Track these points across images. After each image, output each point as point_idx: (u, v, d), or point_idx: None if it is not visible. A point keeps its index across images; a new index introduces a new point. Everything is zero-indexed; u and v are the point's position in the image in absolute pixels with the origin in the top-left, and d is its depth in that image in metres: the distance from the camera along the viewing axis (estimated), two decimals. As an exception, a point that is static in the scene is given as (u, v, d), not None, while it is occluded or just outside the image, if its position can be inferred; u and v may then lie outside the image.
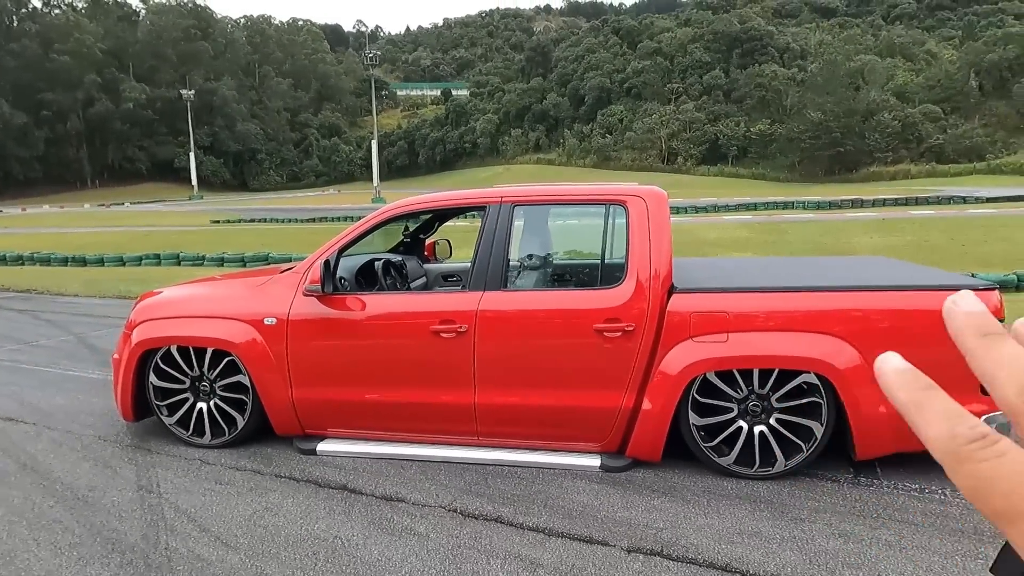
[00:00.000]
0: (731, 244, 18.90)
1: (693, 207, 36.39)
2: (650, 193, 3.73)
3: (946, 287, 3.46)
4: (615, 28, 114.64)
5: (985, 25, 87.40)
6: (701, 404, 3.55)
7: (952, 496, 3.31)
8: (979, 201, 34.44)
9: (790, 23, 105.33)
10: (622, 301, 3.56)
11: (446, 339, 3.71)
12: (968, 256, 15.63)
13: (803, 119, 71.64)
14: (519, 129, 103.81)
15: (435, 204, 4.20)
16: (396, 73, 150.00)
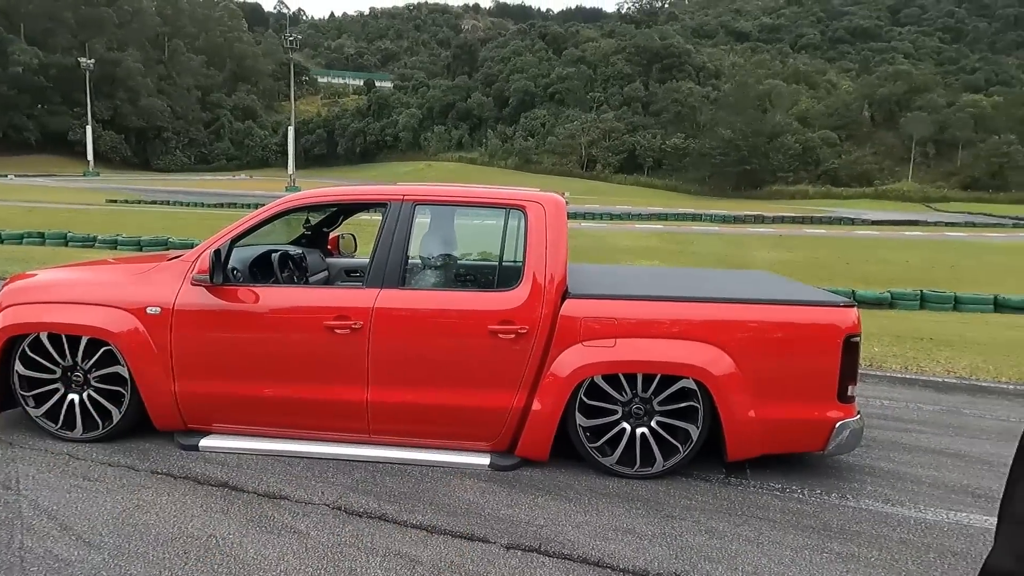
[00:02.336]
0: (641, 252, 19.60)
1: (609, 214, 37.46)
2: (549, 200, 3.84)
3: (814, 303, 3.75)
4: (542, 33, 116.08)
5: (879, 61, 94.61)
6: (588, 406, 3.68)
7: (808, 495, 3.59)
8: (865, 223, 37.26)
9: (707, 43, 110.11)
10: (517, 304, 3.64)
11: (340, 335, 3.67)
12: (851, 273, 16.88)
13: (715, 136, 75.07)
14: (442, 126, 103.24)
15: (335, 198, 4.14)
16: (318, 59, 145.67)
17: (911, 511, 3.46)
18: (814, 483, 3.73)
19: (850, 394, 3.62)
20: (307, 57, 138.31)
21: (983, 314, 11.96)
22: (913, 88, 79.78)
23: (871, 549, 3.07)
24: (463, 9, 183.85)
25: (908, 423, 4.88)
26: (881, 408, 5.21)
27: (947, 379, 6.31)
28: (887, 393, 5.68)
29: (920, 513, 3.44)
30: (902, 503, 3.55)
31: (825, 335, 3.58)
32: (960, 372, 6.55)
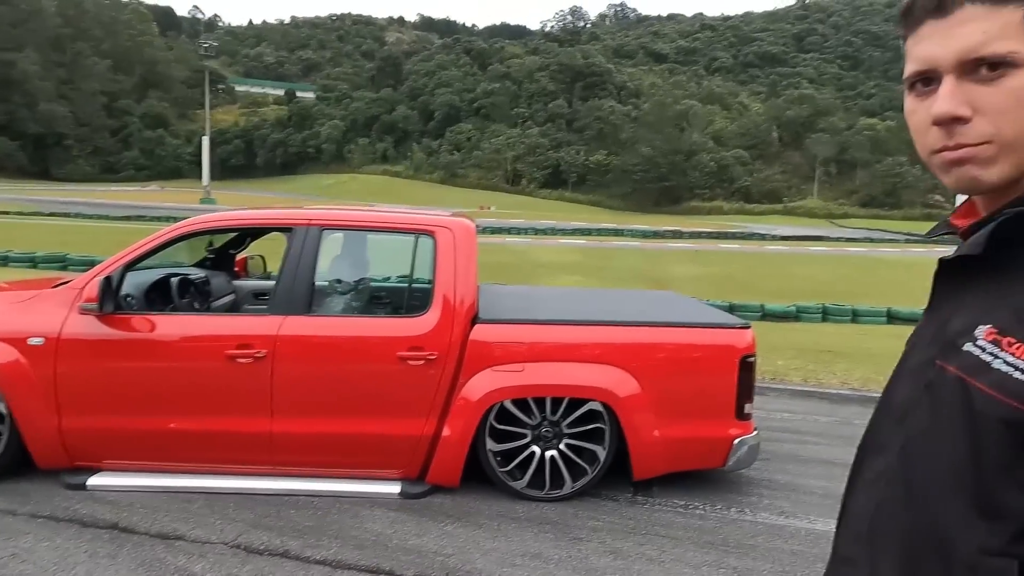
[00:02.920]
0: (563, 267, 19.90)
1: (533, 229, 37.86)
2: (458, 225, 3.85)
3: (712, 325, 3.92)
4: (467, 48, 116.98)
5: (786, 85, 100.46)
6: (498, 431, 3.70)
7: (709, 511, 3.73)
8: (775, 239, 39.23)
9: (627, 63, 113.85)
10: (427, 330, 3.63)
11: (242, 364, 3.55)
12: (761, 288, 17.72)
13: (636, 153, 77.53)
14: (367, 138, 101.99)
15: (236, 223, 4.01)
16: (236, 67, 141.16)
17: (803, 522, 3.65)
18: (715, 499, 3.88)
19: (747, 411, 3.79)
20: (224, 64, 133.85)
21: (878, 326, 12.81)
22: (817, 111, 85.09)
23: (765, 562, 3.21)
24: (387, 21, 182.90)
25: (805, 435, 5.16)
26: (781, 421, 5.48)
27: (842, 391, 6.71)
28: (787, 406, 5.99)
29: (811, 524, 3.64)
30: (795, 515, 3.74)
31: (723, 356, 3.74)
32: (854, 384, 6.98)
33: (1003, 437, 0.74)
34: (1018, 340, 0.74)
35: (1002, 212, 0.79)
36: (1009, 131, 0.76)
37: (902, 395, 0.90)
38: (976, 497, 0.77)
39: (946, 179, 0.82)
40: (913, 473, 0.84)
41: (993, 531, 0.75)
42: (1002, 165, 0.78)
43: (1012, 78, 0.75)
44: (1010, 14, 0.75)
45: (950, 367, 0.82)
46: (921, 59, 0.80)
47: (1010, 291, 0.79)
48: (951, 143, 0.79)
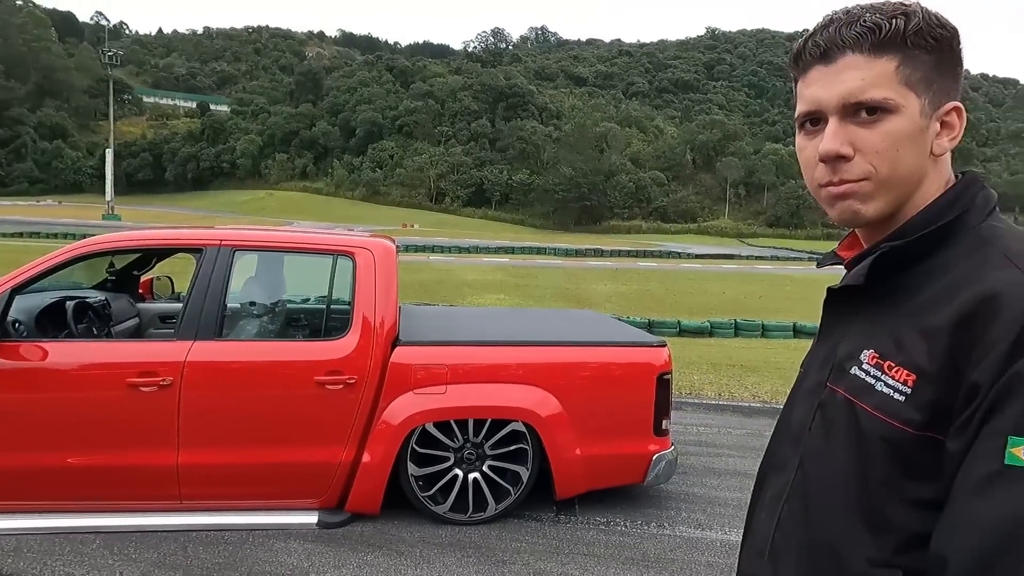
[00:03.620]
0: (486, 286, 19.95)
1: (457, 247, 37.85)
2: (378, 246, 3.79)
3: (630, 343, 4.02)
4: (389, 65, 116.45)
5: (698, 110, 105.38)
6: (419, 454, 3.64)
7: (630, 527, 3.80)
8: (690, 257, 40.83)
9: (548, 86, 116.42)
10: (345, 353, 3.54)
11: (146, 393, 3.34)
12: (677, 305, 18.34)
13: (557, 173, 79.15)
14: (285, 154, 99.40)
15: (141, 243, 3.80)
16: (143, 77, 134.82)
17: (718, 534, 3.77)
18: (635, 515, 3.95)
19: (664, 427, 3.89)
20: (130, 74, 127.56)
21: (785, 340, 13.50)
22: (726, 136, 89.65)
23: (683, 575, 3.29)
24: (307, 36, 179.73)
25: (719, 448, 5.35)
26: (697, 435, 5.66)
27: (752, 404, 7.01)
28: (703, 420, 6.20)
29: (726, 535, 3.76)
30: (711, 527, 3.86)
31: (640, 374, 3.84)
32: (764, 396, 7.31)
33: (885, 454, 0.79)
34: (897, 364, 0.80)
35: (879, 246, 0.86)
36: (885, 170, 0.83)
37: (798, 416, 0.95)
38: (864, 511, 0.81)
39: (831, 212, 0.88)
40: (809, 490, 0.88)
41: (879, 543, 0.80)
42: (878, 201, 0.84)
43: (888, 122, 0.82)
44: (885, 64, 0.81)
45: (839, 389, 0.87)
46: (809, 101, 0.86)
47: (888, 318, 0.85)
48: (835, 179, 0.85)
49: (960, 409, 0.74)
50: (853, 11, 0.83)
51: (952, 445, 0.74)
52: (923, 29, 0.81)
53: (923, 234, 0.83)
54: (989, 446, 0.70)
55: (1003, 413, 0.70)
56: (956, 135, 0.85)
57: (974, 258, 0.80)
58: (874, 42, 0.81)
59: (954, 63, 0.84)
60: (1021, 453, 0.68)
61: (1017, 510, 0.68)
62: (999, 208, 0.87)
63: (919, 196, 0.86)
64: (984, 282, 0.76)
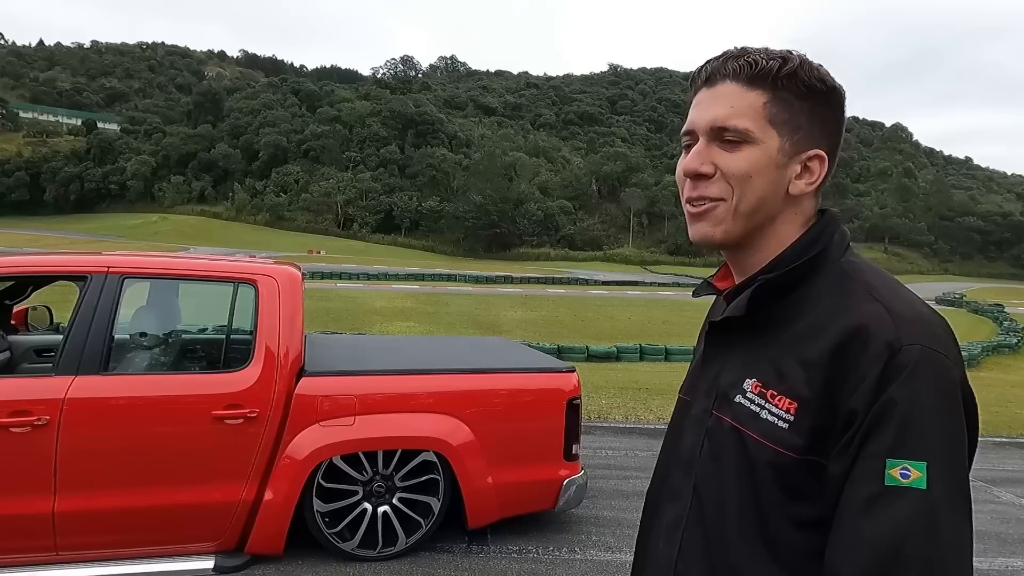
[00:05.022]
0: (396, 313, 19.67)
1: (366, 274, 37.16)
2: (282, 273, 3.66)
3: (539, 369, 4.06)
4: (295, 88, 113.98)
5: (602, 143, 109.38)
6: (326, 489, 3.51)
7: (542, 553, 3.80)
8: (597, 283, 41.96)
9: (458, 114, 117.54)
10: (246, 386, 3.37)
11: (17, 434, 3.04)
12: (586, 330, 18.77)
13: (467, 200, 79.64)
14: (181, 176, 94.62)
15: (15, 270, 3.48)
16: (20, 91, 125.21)
17: (628, 556, 3.84)
18: (547, 541, 3.97)
19: (574, 452, 3.94)
20: (5, 87, 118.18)
21: (687, 363, 14.07)
22: (629, 167, 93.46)
23: (594, 599, 3.32)
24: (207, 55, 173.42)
25: (627, 470, 5.47)
26: (606, 458, 5.77)
27: (658, 425, 7.24)
28: (611, 443, 6.34)
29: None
30: (620, 549, 3.93)
31: (551, 399, 3.88)
32: (668, 418, 7.57)
33: (772, 478, 0.84)
34: (779, 393, 0.85)
35: (756, 279, 0.92)
36: (738, 195, 0.89)
37: (687, 444, 0.98)
38: (759, 533, 0.85)
39: (690, 231, 0.95)
40: (706, 516, 0.91)
41: (776, 563, 0.83)
42: (727, 226, 0.91)
43: (745, 151, 0.88)
44: (756, 98, 0.88)
45: (725, 417, 0.92)
46: (688, 121, 0.93)
47: (766, 347, 0.90)
48: (695, 194, 0.92)
49: (839, 433, 0.79)
50: (746, 48, 0.90)
51: (834, 468, 0.79)
52: (796, 75, 0.87)
53: (793, 267, 0.89)
54: (869, 468, 0.76)
55: (879, 437, 0.76)
56: (815, 180, 0.91)
57: (839, 292, 0.86)
58: (749, 75, 0.87)
59: (827, 116, 0.90)
60: (898, 474, 0.74)
61: (898, 526, 0.73)
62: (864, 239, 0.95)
63: (773, 231, 0.92)
64: (852, 315, 0.82)
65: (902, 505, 0.73)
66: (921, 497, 0.73)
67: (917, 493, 0.73)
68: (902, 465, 0.74)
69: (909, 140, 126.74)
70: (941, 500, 0.73)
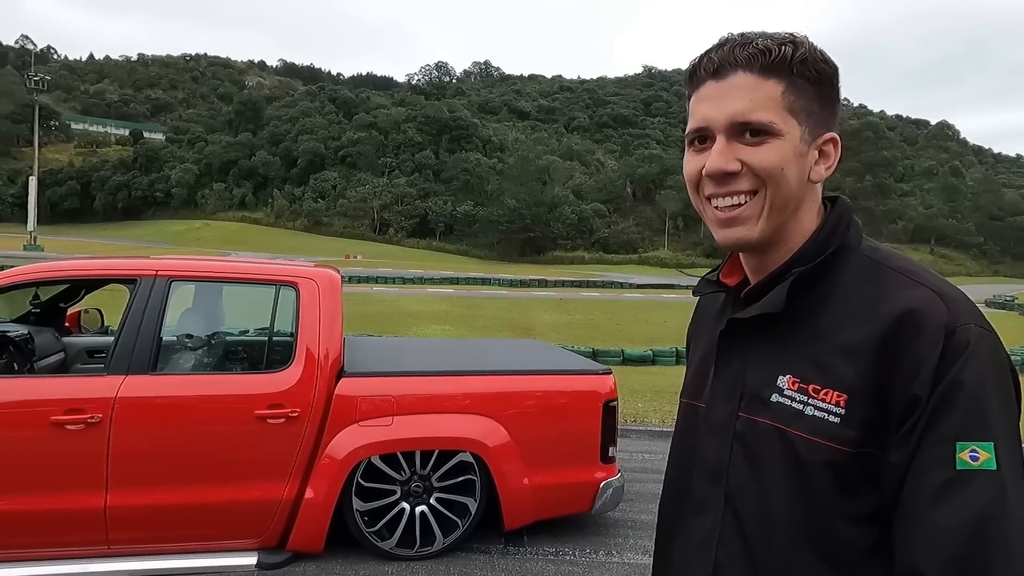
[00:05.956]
0: (431, 317, 19.81)
1: (401, 278, 37.52)
2: (322, 275, 3.74)
3: (575, 371, 4.06)
4: (332, 96, 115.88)
5: (637, 145, 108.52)
6: (365, 489, 3.56)
7: (579, 556, 3.79)
8: (632, 287, 41.60)
9: (492, 119, 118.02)
10: (288, 386, 3.45)
11: (72, 432, 3.16)
12: (621, 333, 18.62)
13: (501, 205, 79.80)
14: (223, 183, 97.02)
15: (68, 273, 3.63)
16: (72, 104, 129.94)
17: (665, 560, 3.80)
18: (583, 543, 3.95)
19: (611, 455, 3.92)
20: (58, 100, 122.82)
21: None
22: (664, 170, 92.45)
23: (632, 603, 3.29)
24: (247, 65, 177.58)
25: (664, 474, 5.41)
26: (643, 462, 5.72)
27: (695, 429, 7.14)
28: (647, 447, 6.28)
29: (672, 560, 3.79)
30: (658, 553, 3.88)
31: (587, 401, 3.87)
32: (705, 422, 7.46)
33: (827, 477, 0.79)
34: (824, 387, 0.81)
35: (790, 272, 0.88)
36: (772, 189, 0.85)
37: (712, 452, 0.92)
38: (815, 538, 0.81)
39: (717, 235, 0.90)
40: (746, 528, 0.86)
41: (836, 566, 0.80)
42: (764, 223, 0.86)
43: (771, 144, 0.84)
44: (772, 87, 0.83)
45: (762, 419, 0.86)
46: (699, 118, 0.87)
47: (798, 341, 0.85)
48: (722, 191, 0.87)
49: (899, 421, 0.76)
50: (747, 35, 0.86)
51: (894, 457, 0.76)
52: (808, 60, 0.84)
53: (823, 259, 0.86)
54: (938, 454, 0.73)
55: (946, 421, 0.73)
56: (831, 164, 0.88)
57: (873, 279, 0.84)
58: (764, 64, 0.83)
59: (833, 98, 0.87)
60: (967, 456, 0.72)
61: (979, 510, 0.71)
62: (909, 240, 0.92)
63: (796, 221, 0.89)
64: (897, 300, 0.79)
65: (975, 488, 0.71)
66: (992, 479, 0.71)
67: (988, 474, 0.72)
68: (971, 448, 0.72)
69: (956, 138, 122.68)
70: (1009, 480, 0.72)
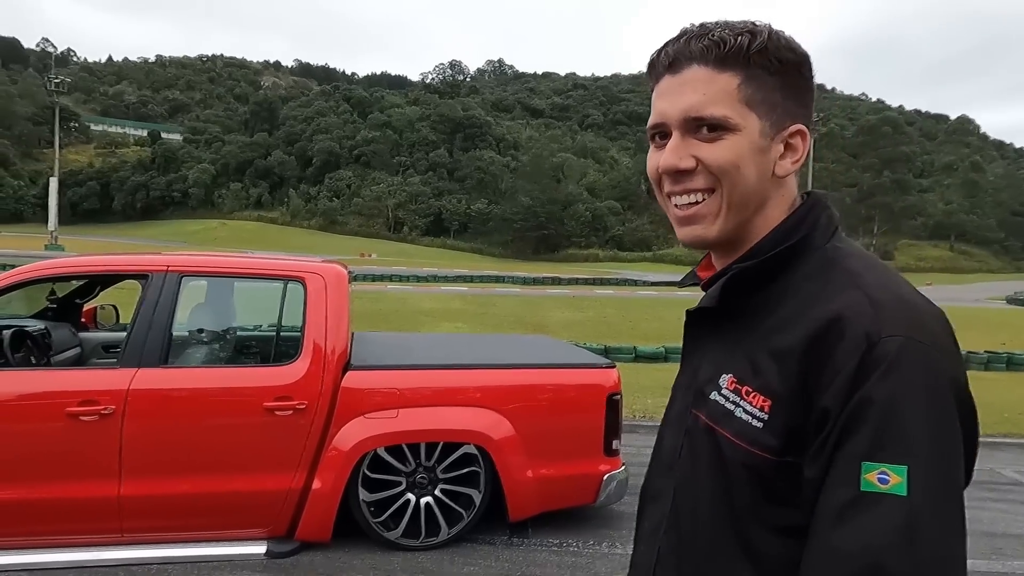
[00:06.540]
0: (445, 314, 19.90)
1: (415, 276, 37.68)
2: (329, 270, 3.80)
3: (580, 365, 4.09)
4: (346, 96, 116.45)
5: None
6: (371, 480, 3.62)
7: (582, 547, 3.83)
8: (646, 284, 41.46)
9: (505, 117, 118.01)
10: (295, 379, 3.52)
11: (86, 423, 3.25)
12: (634, 330, 18.59)
13: (515, 202, 79.83)
14: (239, 183, 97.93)
15: (82, 269, 3.73)
16: (92, 105, 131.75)
17: (669, 552, 3.82)
18: (587, 535, 3.99)
19: (615, 448, 3.95)
20: (78, 102, 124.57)
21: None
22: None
23: (634, 593, 3.33)
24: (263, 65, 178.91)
25: (671, 468, 5.43)
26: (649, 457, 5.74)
27: (704, 425, 7.14)
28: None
29: (676, 553, 3.81)
30: (662, 545, 3.91)
31: (590, 395, 3.90)
32: (714, 418, 7.46)
33: (747, 480, 0.78)
34: (754, 389, 0.78)
35: (730, 268, 0.86)
36: (728, 187, 0.82)
37: (668, 444, 0.93)
38: (734, 540, 0.79)
39: (678, 233, 0.88)
40: (681, 522, 0.86)
41: (752, 572, 0.78)
42: (722, 221, 0.84)
43: (727, 140, 0.80)
44: (727, 80, 0.80)
45: (702, 415, 0.85)
46: (656, 113, 0.85)
47: (743, 340, 0.83)
48: (678, 188, 0.84)
49: (813, 434, 0.72)
50: (706, 25, 0.82)
51: (809, 471, 0.72)
52: (767, 49, 0.80)
53: (770, 255, 0.83)
54: (844, 472, 0.69)
55: (855, 438, 0.69)
56: (799, 157, 0.84)
57: (820, 279, 0.80)
58: (718, 56, 0.80)
59: (801, 87, 0.83)
60: (875, 478, 0.67)
61: (876, 538, 0.66)
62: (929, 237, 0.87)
63: (762, 217, 0.85)
64: (829, 304, 0.75)
65: (879, 513, 0.66)
66: (901, 505, 0.66)
67: (896, 500, 0.66)
68: (880, 469, 0.67)
69: (976, 133, 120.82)
70: (924, 508, 0.66)
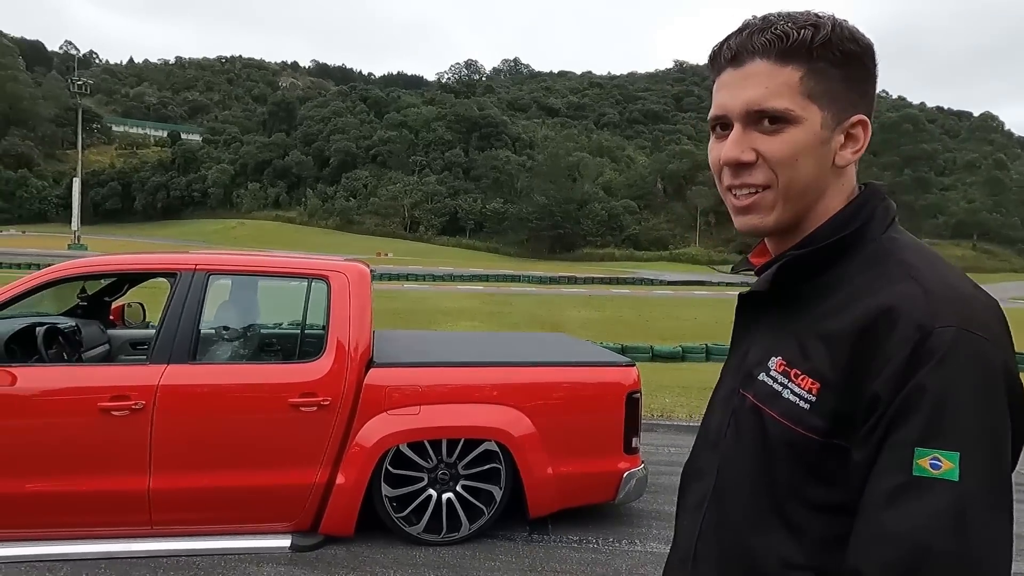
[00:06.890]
0: (461, 313, 19.98)
1: (431, 275, 37.87)
2: (352, 269, 3.86)
3: (599, 363, 4.12)
4: (363, 96, 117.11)
5: (668, 140, 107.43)
6: (393, 475, 3.67)
7: (602, 544, 3.85)
8: (662, 284, 41.33)
9: (521, 116, 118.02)
10: (319, 375, 3.58)
11: (118, 417, 3.34)
12: (650, 330, 18.54)
13: (531, 202, 79.89)
14: (258, 183, 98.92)
15: (112, 268, 3.81)
16: (113, 106, 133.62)
17: (688, 549, 3.84)
18: (607, 532, 4.01)
19: (634, 446, 3.97)
20: (100, 103, 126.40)
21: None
22: (696, 165, 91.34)
23: (654, 590, 3.35)
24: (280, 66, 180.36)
25: (689, 467, 5.43)
26: (668, 455, 5.75)
27: (722, 424, 7.13)
28: (673, 441, 6.30)
29: (695, 550, 3.82)
30: (681, 543, 3.92)
31: (610, 393, 3.93)
32: (733, 417, 7.43)
33: (790, 459, 0.81)
34: (803, 372, 0.81)
35: (784, 255, 0.89)
36: (785, 179, 0.84)
37: (715, 423, 0.97)
38: (774, 515, 0.82)
39: (735, 222, 0.91)
40: (725, 497, 0.90)
41: (791, 546, 0.80)
42: (778, 212, 0.86)
43: (788, 133, 0.82)
44: (790, 74, 0.81)
45: (749, 395, 0.89)
46: (718, 105, 0.87)
47: (793, 325, 0.86)
48: (737, 182, 0.87)
49: (862, 419, 0.74)
50: (769, 18, 0.83)
51: (857, 455, 0.75)
52: (831, 41, 0.80)
53: (824, 244, 0.84)
54: (896, 457, 0.71)
55: (907, 424, 0.70)
56: (860, 147, 0.86)
57: (874, 270, 0.81)
58: (781, 49, 0.81)
59: (864, 78, 0.84)
60: (927, 464, 0.69)
61: (927, 520, 0.68)
62: (951, 235, 0.91)
63: (821, 207, 0.87)
64: (882, 295, 0.77)
65: (931, 497, 0.68)
66: (952, 489, 0.68)
67: (948, 485, 0.68)
68: (932, 455, 0.69)
69: (1000, 130, 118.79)
70: (975, 494, 0.68)
